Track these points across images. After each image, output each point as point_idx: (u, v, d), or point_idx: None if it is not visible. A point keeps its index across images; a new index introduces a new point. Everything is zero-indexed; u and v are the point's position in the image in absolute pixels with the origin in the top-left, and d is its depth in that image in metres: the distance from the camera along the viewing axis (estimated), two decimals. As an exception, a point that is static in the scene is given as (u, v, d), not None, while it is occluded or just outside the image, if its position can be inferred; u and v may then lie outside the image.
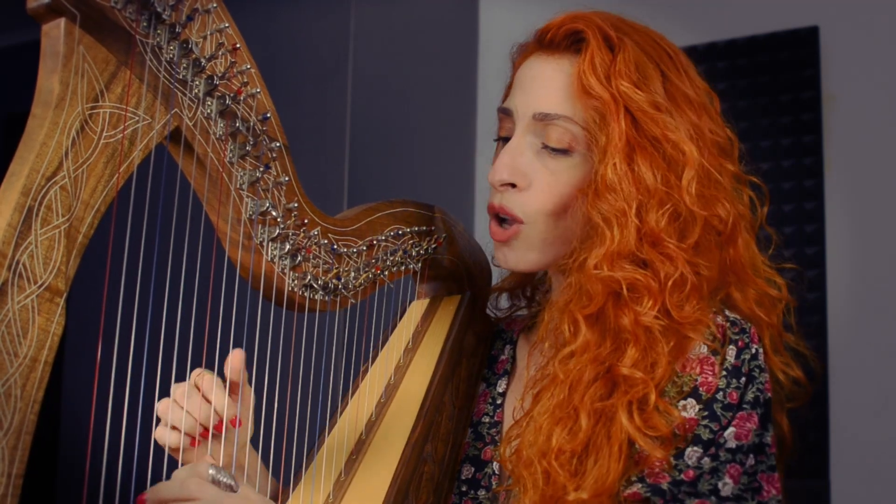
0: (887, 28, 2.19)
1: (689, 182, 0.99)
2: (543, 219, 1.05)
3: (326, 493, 0.99)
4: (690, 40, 2.35)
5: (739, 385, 0.97)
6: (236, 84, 0.88)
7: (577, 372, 0.98)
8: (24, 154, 0.70)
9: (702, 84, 1.06)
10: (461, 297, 1.26)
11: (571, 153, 1.03)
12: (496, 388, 1.17)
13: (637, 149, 0.99)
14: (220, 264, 0.91)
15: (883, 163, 2.17)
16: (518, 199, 1.05)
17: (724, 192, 1.03)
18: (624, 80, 0.99)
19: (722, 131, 1.06)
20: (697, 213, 0.99)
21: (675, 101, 1.02)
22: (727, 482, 0.94)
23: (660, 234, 0.98)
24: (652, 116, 0.99)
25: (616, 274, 0.98)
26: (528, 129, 1.05)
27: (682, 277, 0.98)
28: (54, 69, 0.72)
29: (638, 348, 0.96)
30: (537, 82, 1.05)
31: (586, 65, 1.01)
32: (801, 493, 2.08)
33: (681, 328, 0.98)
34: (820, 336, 2.16)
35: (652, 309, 0.97)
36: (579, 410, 0.96)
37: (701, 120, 1.03)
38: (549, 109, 1.03)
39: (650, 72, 1.01)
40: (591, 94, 1.00)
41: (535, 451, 0.96)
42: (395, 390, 1.12)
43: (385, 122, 2.65)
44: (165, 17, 0.80)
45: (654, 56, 1.03)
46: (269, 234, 0.95)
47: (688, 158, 0.99)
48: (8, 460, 0.67)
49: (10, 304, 0.67)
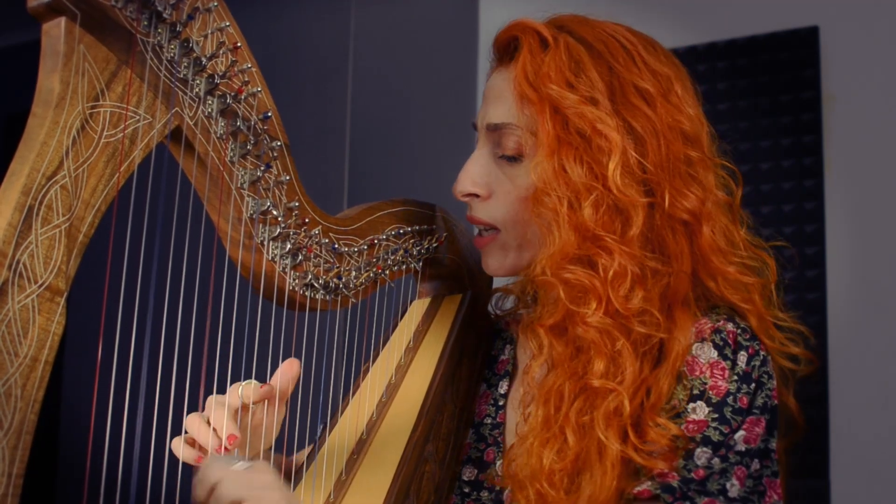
0: (887, 28, 2.19)
1: (615, 169, 0.97)
2: (512, 224, 1.07)
3: (327, 493, 0.99)
4: (690, 40, 2.35)
5: (749, 390, 0.97)
6: (237, 83, 0.88)
7: (556, 388, 0.98)
8: (24, 153, 0.70)
9: (665, 71, 1.03)
10: (462, 296, 1.25)
11: (523, 158, 1.05)
12: (497, 390, 1.17)
13: (564, 146, 0.99)
14: (220, 264, 0.90)
15: (883, 163, 2.17)
16: (485, 207, 1.08)
17: (684, 180, 1.01)
18: (552, 80, 0.99)
19: (686, 118, 1.02)
20: (633, 200, 0.97)
21: (622, 93, 1.00)
22: (734, 483, 0.95)
23: (592, 226, 0.97)
24: (580, 112, 0.98)
25: (560, 277, 0.97)
26: (487, 140, 1.08)
27: (621, 268, 0.96)
28: (55, 68, 0.72)
29: (601, 356, 0.96)
30: (492, 94, 1.08)
31: (518, 70, 1.02)
32: (801, 493, 2.08)
33: (626, 321, 0.96)
34: (820, 336, 2.16)
35: (598, 309, 0.96)
36: (565, 428, 0.96)
37: (656, 110, 1.01)
38: (497, 119, 1.06)
39: (587, 66, 1.00)
40: (525, 99, 1.02)
41: (528, 473, 0.96)
42: (396, 390, 1.12)
43: (385, 122, 2.65)
44: (166, 15, 0.80)
45: (601, 50, 1.02)
46: (270, 234, 0.95)
47: (612, 144, 0.97)
48: (8, 460, 0.66)
49: (10, 303, 0.67)
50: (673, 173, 1.00)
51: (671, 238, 1.00)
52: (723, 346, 0.99)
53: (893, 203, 2.16)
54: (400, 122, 2.65)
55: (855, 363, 2.13)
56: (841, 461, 2.11)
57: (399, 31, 2.68)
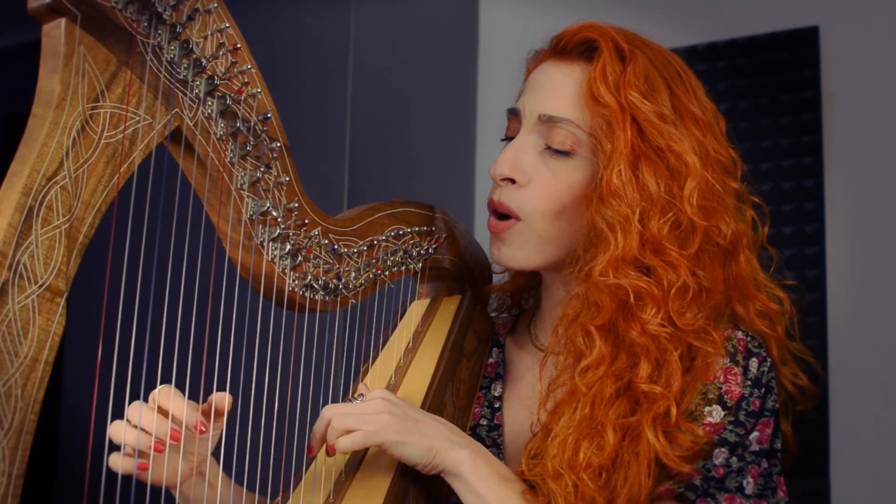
0: (887, 28, 2.19)
1: (691, 192, 1.01)
2: (540, 216, 1.07)
3: (327, 494, 0.99)
4: (690, 40, 2.35)
5: (760, 394, 1.02)
6: (237, 84, 0.88)
7: (597, 386, 1.00)
8: (24, 154, 0.70)
9: (709, 105, 1.08)
10: (462, 297, 1.26)
11: (573, 156, 1.06)
12: (491, 392, 1.17)
13: (642, 157, 1.01)
14: (220, 264, 0.91)
15: (883, 163, 2.17)
16: (516, 195, 1.08)
17: (725, 208, 1.05)
18: (633, 90, 1.02)
19: (726, 151, 1.08)
20: (698, 223, 1.01)
21: (681, 115, 1.04)
22: (749, 481, 1.00)
23: (662, 241, 1.00)
24: (657, 127, 1.01)
25: (621, 281, 1.00)
26: (533, 129, 1.08)
27: (685, 285, 1.00)
28: (55, 69, 0.72)
29: (650, 361, 0.99)
30: (547, 86, 1.08)
31: (597, 73, 1.03)
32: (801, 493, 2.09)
33: (684, 335, 1.00)
34: (820, 336, 2.16)
35: (656, 316, 0.99)
36: (605, 425, 0.98)
37: (706, 138, 1.05)
38: (554, 112, 1.06)
39: (658, 85, 1.04)
40: (599, 102, 1.03)
41: (563, 464, 0.97)
42: (395, 390, 1.12)
43: (385, 122, 2.65)
44: (166, 17, 0.80)
45: (663, 71, 1.06)
46: (270, 235, 0.95)
47: (690, 169, 1.01)
48: (8, 460, 0.66)
49: (10, 304, 0.67)
50: (719, 200, 1.04)
51: (709, 262, 1.04)
52: (734, 352, 1.03)
53: (893, 203, 2.16)
54: (400, 122, 2.65)
55: (855, 363, 2.13)
56: (841, 461, 2.11)
57: (399, 31, 2.68)
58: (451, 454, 0.96)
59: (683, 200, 1.01)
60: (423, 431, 0.96)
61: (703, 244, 1.03)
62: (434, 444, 0.96)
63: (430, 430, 0.97)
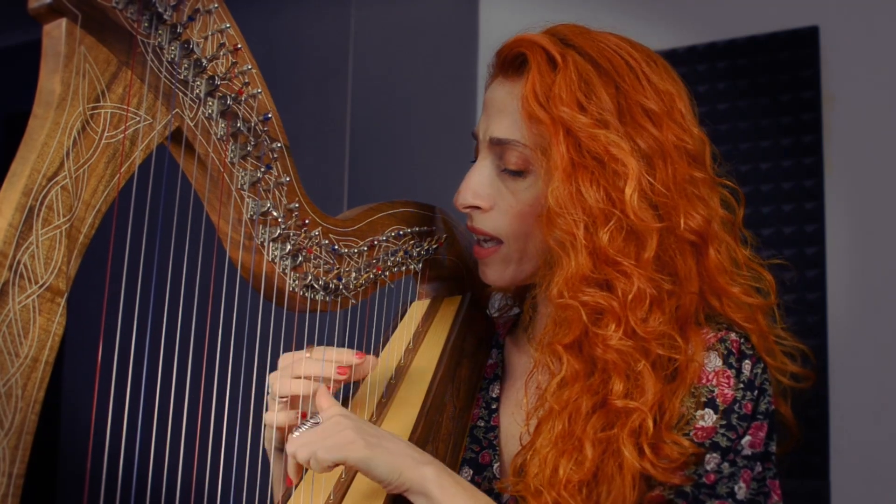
0: (887, 28, 2.19)
1: (631, 195, 0.98)
2: (515, 238, 1.07)
3: (327, 493, 0.99)
4: (690, 40, 2.35)
5: (753, 397, 1.00)
6: (237, 84, 0.88)
7: (573, 403, 0.98)
8: (25, 154, 0.70)
9: (667, 88, 1.04)
10: (462, 297, 1.26)
11: (527, 174, 1.04)
12: (489, 393, 1.17)
13: (579, 169, 0.99)
14: (220, 265, 0.91)
15: (883, 163, 2.17)
16: (487, 220, 1.08)
17: (689, 199, 1.02)
18: (563, 102, 0.99)
19: (689, 137, 1.03)
20: (649, 225, 0.98)
21: (630, 114, 1.00)
22: (741, 486, 0.98)
23: (609, 251, 0.98)
24: (593, 135, 0.98)
25: (578, 299, 0.98)
26: (489, 153, 1.07)
27: (640, 292, 0.97)
28: (55, 69, 0.72)
29: (620, 376, 0.97)
30: (494, 107, 1.07)
31: (528, 89, 1.01)
32: (801, 493, 2.09)
33: (647, 344, 0.98)
34: (820, 336, 2.16)
35: (617, 331, 0.97)
36: (583, 441, 0.97)
37: (662, 130, 1.01)
38: (501, 134, 1.05)
39: (597, 87, 1.00)
40: (533, 119, 1.01)
41: (544, 481, 0.97)
42: (395, 390, 1.12)
43: (385, 122, 2.65)
44: (167, 17, 0.80)
45: (607, 69, 1.02)
46: (270, 235, 0.95)
47: (629, 169, 0.98)
48: (9, 460, 0.67)
49: (11, 304, 0.67)
50: (680, 194, 1.01)
51: (679, 259, 1.01)
52: (727, 354, 1.02)
53: (893, 203, 2.16)
54: (400, 122, 2.65)
55: (855, 363, 2.13)
56: (841, 461, 2.11)
57: (399, 32, 2.68)
58: (417, 471, 0.92)
59: (625, 205, 0.98)
60: (388, 447, 0.92)
61: (663, 244, 1.00)
62: (398, 462, 0.92)
63: (393, 446, 0.93)
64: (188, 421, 0.98)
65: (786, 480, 1.05)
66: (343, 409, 0.96)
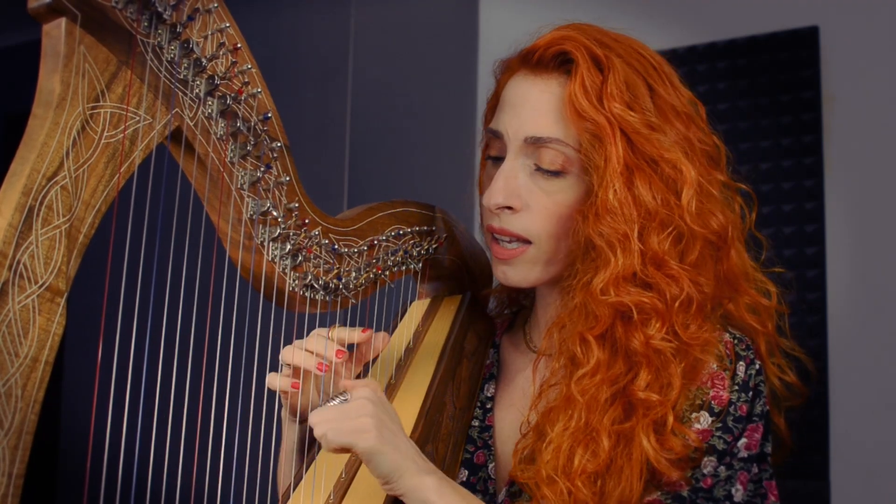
0: (887, 28, 2.19)
1: (689, 201, 0.99)
2: (547, 239, 1.05)
3: (327, 493, 0.99)
4: (690, 40, 2.35)
5: (748, 399, 1.00)
6: (237, 84, 0.88)
7: (592, 393, 0.98)
8: (24, 154, 0.70)
9: (686, 92, 1.06)
10: (462, 297, 1.26)
11: (566, 174, 1.03)
12: (484, 393, 1.17)
13: (635, 171, 0.99)
14: (220, 264, 0.91)
15: (883, 163, 2.17)
16: (518, 221, 1.05)
17: (716, 204, 1.03)
18: (616, 101, 0.99)
19: (709, 139, 1.06)
20: (698, 231, 1.00)
21: (664, 115, 1.02)
22: (738, 488, 0.98)
23: (663, 256, 0.98)
24: (647, 137, 0.99)
25: (623, 298, 0.98)
26: (521, 152, 1.05)
27: (688, 297, 0.99)
28: (55, 69, 0.72)
29: (650, 370, 0.98)
30: (527, 105, 1.04)
31: (577, 87, 1.00)
32: (801, 493, 2.09)
33: (690, 349, 0.99)
34: (820, 336, 2.16)
35: (660, 331, 0.98)
36: (600, 432, 0.97)
37: (689, 131, 1.02)
38: (540, 133, 1.02)
39: (640, 89, 1.01)
40: (584, 117, 0.99)
41: (558, 470, 0.96)
42: (396, 390, 1.12)
43: (385, 122, 2.65)
44: (166, 16, 0.80)
45: (640, 71, 1.03)
46: (270, 234, 0.95)
47: (685, 177, 0.99)
48: (8, 460, 0.67)
49: (10, 303, 0.67)
50: (710, 197, 1.02)
51: (706, 264, 1.02)
52: (721, 357, 1.01)
53: (893, 203, 2.16)
54: (400, 122, 2.65)
55: (855, 363, 2.13)
56: (841, 461, 2.11)
57: (399, 32, 2.68)
58: (416, 479, 0.91)
59: (683, 210, 0.99)
60: (398, 445, 0.91)
61: (701, 250, 1.01)
62: (403, 463, 0.90)
63: (404, 447, 0.92)
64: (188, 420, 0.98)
65: (786, 481, 1.04)
66: (371, 393, 0.93)
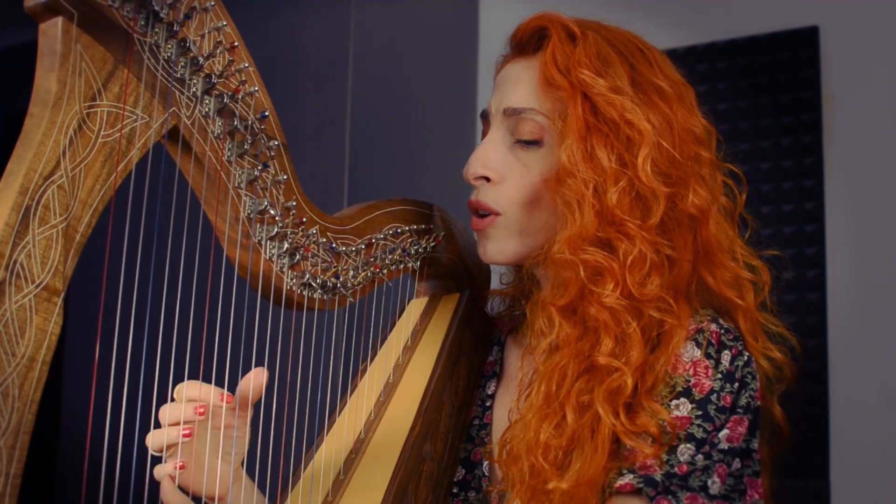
0: (887, 28, 2.19)
1: (645, 159, 1.00)
2: (517, 209, 1.07)
3: (325, 492, 0.99)
4: (690, 40, 2.35)
5: (733, 390, 0.98)
6: (234, 82, 0.88)
7: (561, 367, 0.99)
8: (21, 153, 0.70)
9: (678, 79, 1.08)
10: (460, 295, 1.25)
11: (542, 144, 1.06)
12: (485, 390, 1.17)
13: (594, 132, 1.01)
14: (218, 263, 0.91)
15: (883, 163, 2.17)
16: (492, 192, 1.08)
17: (695, 178, 1.04)
18: (584, 68, 1.02)
19: (698, 121, 1.07)
20: (658, 189, 1.00)
21: (642, 89, 1.03)
22: (715, 480, 0.95)
23: (616, 212, 0.99)
24: (610, 100, 1.01)
25: (577, 257, 0.99)
26: (501, 125, 1.08)
27: (641, 254, 0.99)
28: (52, 68, 0.72)
29: (610, 335, 0.98)
30: (507, 81, 1.09)
31: (548, 57, 1.04)
32: (801, 493, 2.08)
33: (642, 306, 0.99)
34: (820, 336, 2.16)
35: (614, 291, 0.98)
36: (565, 406, 0.97)
37: (673, 110, 1.04)
38: (516, 104, 1.06)
39: (613, 61, 1.03)
40: (552, 85, 1.03)
41: (523, 446, 0.97)
42: (394, 389, 1.12)
43: (385, 122, 2.65)
44: (163, 15, 0.80)
45: (621, 49, 1.05)
46: (268, 233, 0.95)
47: (644, 136, 1.00)
48: (6, 460, 0.66)
49: (7, 303, 0.67)
50: (687, 170, 1.03)
51: (678, 231, 1.02)
52: (706, 345, 1.00)
53: (893, 203, 2.16)
54: (400, 121, 2.65)
55: (855, 363, 2.13)
56: (841, 461, 2.11)
57: (399, 31, 2.68)
58: None
59: (637, 168, 1.00)
60: None
61: (668, 212, 1.01)
62: None
63: None
64: (186, 420, 0.98)
65: (786, 481, 1.02)
66: None
